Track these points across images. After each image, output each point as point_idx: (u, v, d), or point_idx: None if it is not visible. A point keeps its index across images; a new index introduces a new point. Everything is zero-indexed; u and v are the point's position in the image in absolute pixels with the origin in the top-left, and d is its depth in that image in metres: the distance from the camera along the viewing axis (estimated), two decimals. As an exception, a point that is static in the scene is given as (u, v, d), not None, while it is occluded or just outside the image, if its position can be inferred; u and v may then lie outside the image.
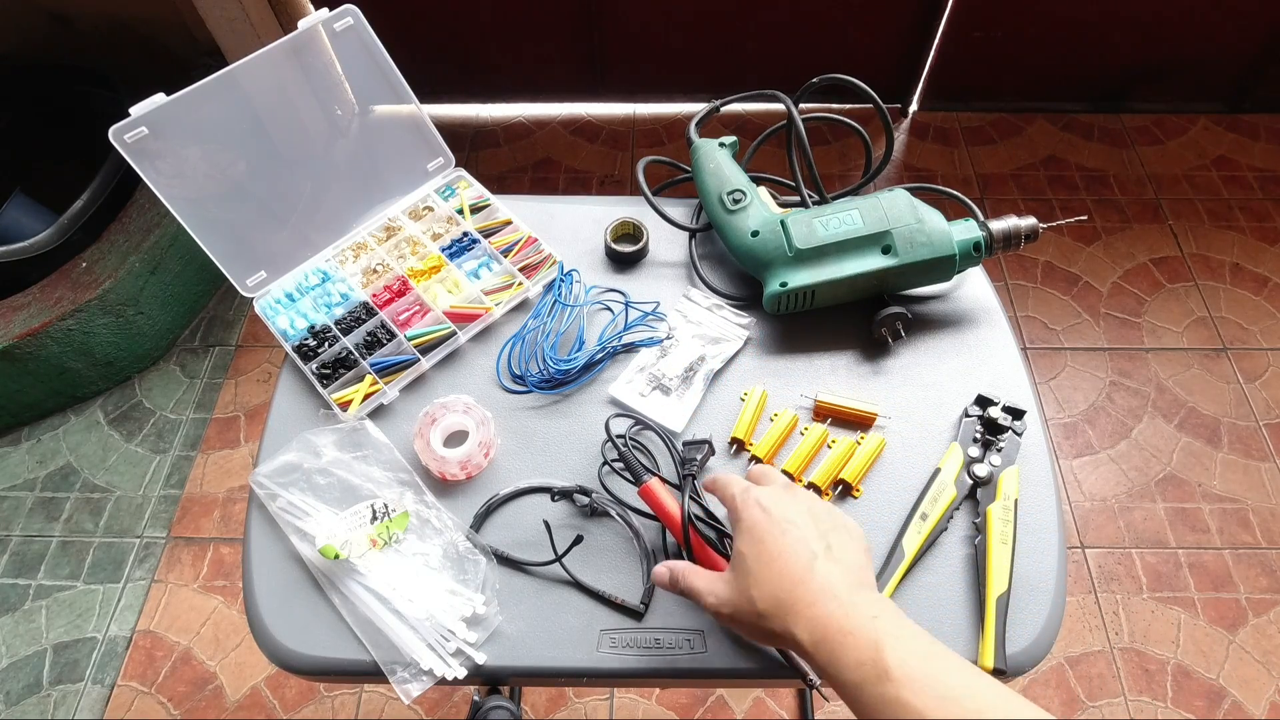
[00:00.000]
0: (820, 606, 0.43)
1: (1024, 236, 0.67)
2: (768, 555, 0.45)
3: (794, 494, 0.49)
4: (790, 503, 0.48)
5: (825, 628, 0.42)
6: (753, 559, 0.46)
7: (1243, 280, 1.64)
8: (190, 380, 1.55)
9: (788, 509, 0.47)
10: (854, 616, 0.42)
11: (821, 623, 0.42)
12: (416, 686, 0.54)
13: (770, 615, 0.44)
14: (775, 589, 0.44)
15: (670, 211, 0.76)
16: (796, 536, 0.46)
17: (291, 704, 1.21)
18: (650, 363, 0.69)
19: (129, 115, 0.64)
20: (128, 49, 1.67)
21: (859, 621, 0.41)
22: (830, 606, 0.42)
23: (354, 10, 0.72)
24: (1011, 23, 1.74)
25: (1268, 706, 1.18)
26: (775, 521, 0.46)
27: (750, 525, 0.47)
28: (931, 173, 1.84)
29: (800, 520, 0.47)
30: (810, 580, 0.44)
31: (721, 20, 1.76)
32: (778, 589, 0.44)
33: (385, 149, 0.78)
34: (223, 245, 0.70)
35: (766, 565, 0.45)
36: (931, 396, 0.67)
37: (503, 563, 0.60)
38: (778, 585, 0.44)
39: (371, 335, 0.70)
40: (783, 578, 0.44)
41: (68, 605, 1.30)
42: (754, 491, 0.49)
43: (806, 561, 0.45)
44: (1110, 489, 1.38)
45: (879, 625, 0.41)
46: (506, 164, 1.89)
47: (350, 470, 0.62)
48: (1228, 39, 1.77)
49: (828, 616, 0.42)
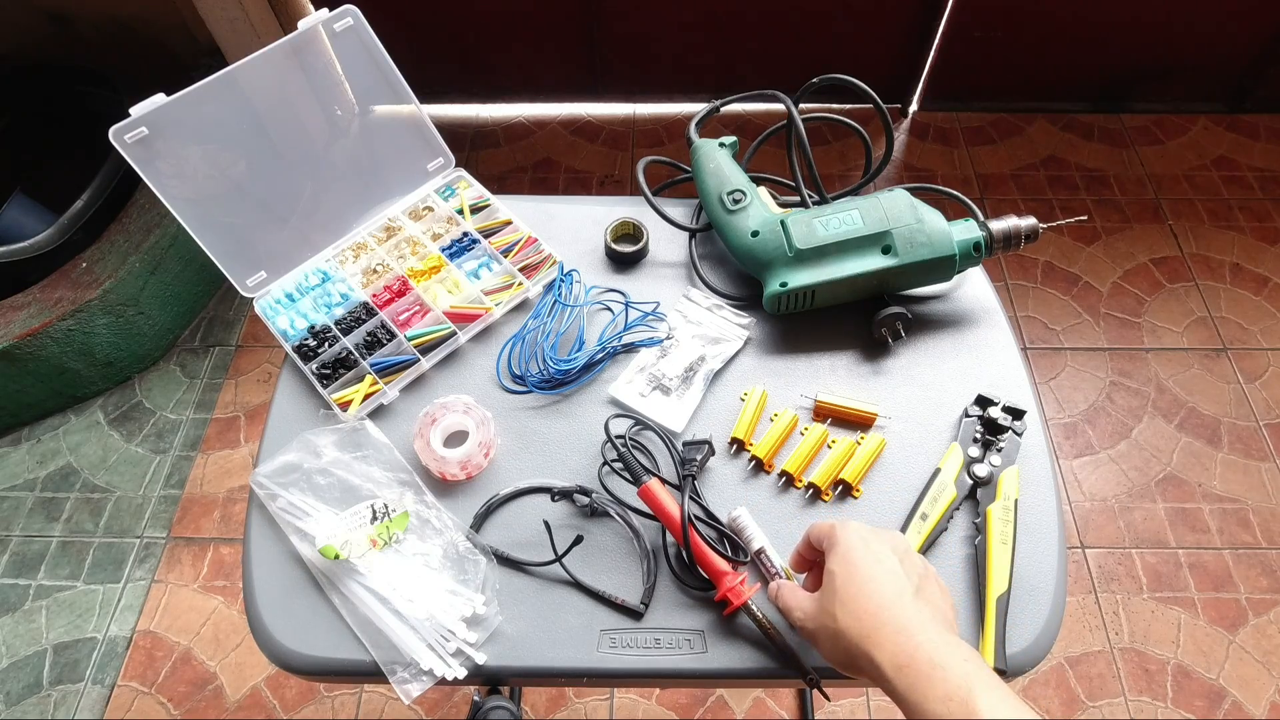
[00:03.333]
0: (907, 637, 0.43)
1: (1024, 236, 0.67)
2: (859, 579, 0.46)
3: (892, 537, 0.50)
4: (887, 541, 0.49)
5: (912, 657, 0.42)
6: (842, 579, 0.47)
7: (1243, 280, 1.64)
8: (190, 380, 1.55)
9: (884, 546, 0.48)
10: (946, 654, 0.42)
11: (908, 652, 0.42)
12: (416, 686, 0.54)
13: (849, 635, 0.45)
14: (860, 610, 0.45)
15: (670, 211, 0.76)
16: (890, 569, 0.47)
17: (291, 704, 1.21)
18: (650, 363, 0.69)
19: (129, 115, 0.64)
20: (128, 49, 1.67)
21: (951, 660, 0.42)
22: (920, 639, 0.43)
23: (354, 10, 0.72)
24: (1011, 23, 1.74)
25: (1268, 706, 1.18)
26: (871, 551, 0.47)
27: (846, 550, 0.48)
28: (931, 173, 1.84)
29: (892, 561, 0.47)
30: (897, 609, 0.44)
31: (721, 20, 1.76)
32: (862, 611, 0.45)
33: (385, 149, 0.78)
34: (223, 245, 0.70)
35: (856, 587, 0.46)
36: (931, 396, 0.67)
37: (503, 563, 0.60)
38: (863, 608, 0.45)
39: (371, 335, 0.70)
40: (869, 601, 0.45)
41: (68, 605, 1.30)
42: (853, 524, 0.50)
43: (896, 592, 0.45)
44: (1110, 489, 1.38)
45: (971, 670, 0.41)
46: (506, 164, 1.89)
47: (350, 470, 0.62)
48: (1228, 39, 1.77)
49: (916, 648, 0.42)
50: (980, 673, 0.41)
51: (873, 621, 0.44)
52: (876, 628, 0.44)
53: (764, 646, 0.56)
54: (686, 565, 0.58)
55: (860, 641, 0.44)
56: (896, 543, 0.49)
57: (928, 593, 0.46)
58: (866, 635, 0.44)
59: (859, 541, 0.48)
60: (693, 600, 0.58)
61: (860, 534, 0.49)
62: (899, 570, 0.47)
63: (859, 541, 0.48)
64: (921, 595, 0.46)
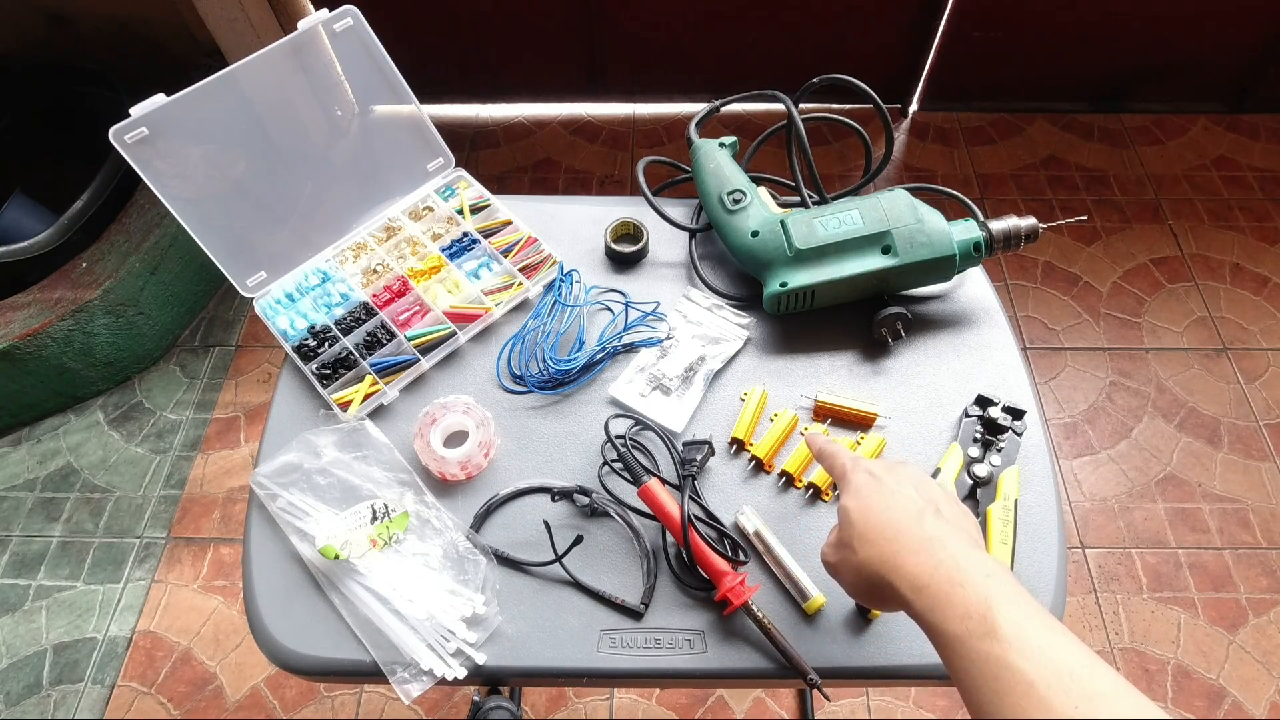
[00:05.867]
0: (925, 555, 0.42)
1: (1024, 236, 0.67)
2: (874, 509, 0.46)
3: (905, 467, 0.49)
4: (900, 472, 0.48)
5: (931, 576, 0.41)
6: (857, 513, 0.46)
7: (1243, 280, 1.64)
8: (190, 380, 1.55)
9: (897, 478, 0.48)
10: (966, 570, 0.41)
11: (927, 570, 0.41)
12: (416, 687, 0.54)
13: (870, 565, 0.44)
14: (877, 538, 0.44)
15: (670, 211, 0.76)
16: (906, 496, 0.46)
17: (291, 704, 1.21)
18: (650, 363, 0.69)
19: (129, 115, 0.64)
20: (128, 49, 1.67)
21: (971, 575, 0.40)
22: (939, 555, 0.42)
23: (354, 10, 0.72)
24: (1011, 23, 1.74)
25: (1268, 706, 1.18)
26: (884, 484, 0.47)
27: (858, 486, 0.48)
28: (931, 173, 1.84)
29: (907, 489, 0.47)
30: (916, 530, 0.44)
31: (721, 20, 1.76)
32: (879, 538, 0.44)
33: (385, 149, 0.78)
34: (223, 245, 0.70)
35: (873, 517, 0.45)
36: (931, 396, 0.67)
37: (503, 563, 0.60)
38: (880, 535, 0.44)
39: (371, 335, 0.70)
40: (886, 528, 0.44)
41: (68, 605, 1.30)
42: (865, 461, 0.50)
43: (914, 515, 0.45)
44: (1110, 489, 1.38)
45: (992, 584, 0.40)
46: (506, 164, 1.89)
47: (350, 470, 0.62)
48: (1228, 39, 1.77)
49: (935, 566, 0.41)
50: (1001, 586, 0.40)
51: (891, 547, 0.43)
52: (895, 552, 0.43)
53: (764, 646, 0.56)
54: (686, 565, 0.58)
55: (880, 569, 0.43)
56: (910, 472, 0.49)
57: (948, 513, 0.46)
58: (885, 561, 0.43)
59: (870, 479, 0.48)
60: (693, 600, 0.58)
61: (872, 471, 0.48)
62: (915, 496, 0.46)
63: (870, 479, 0.48)
64: (941, 515, 0.45)
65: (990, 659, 0.37)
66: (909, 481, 0.47)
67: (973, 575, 0.40)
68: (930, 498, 0.46)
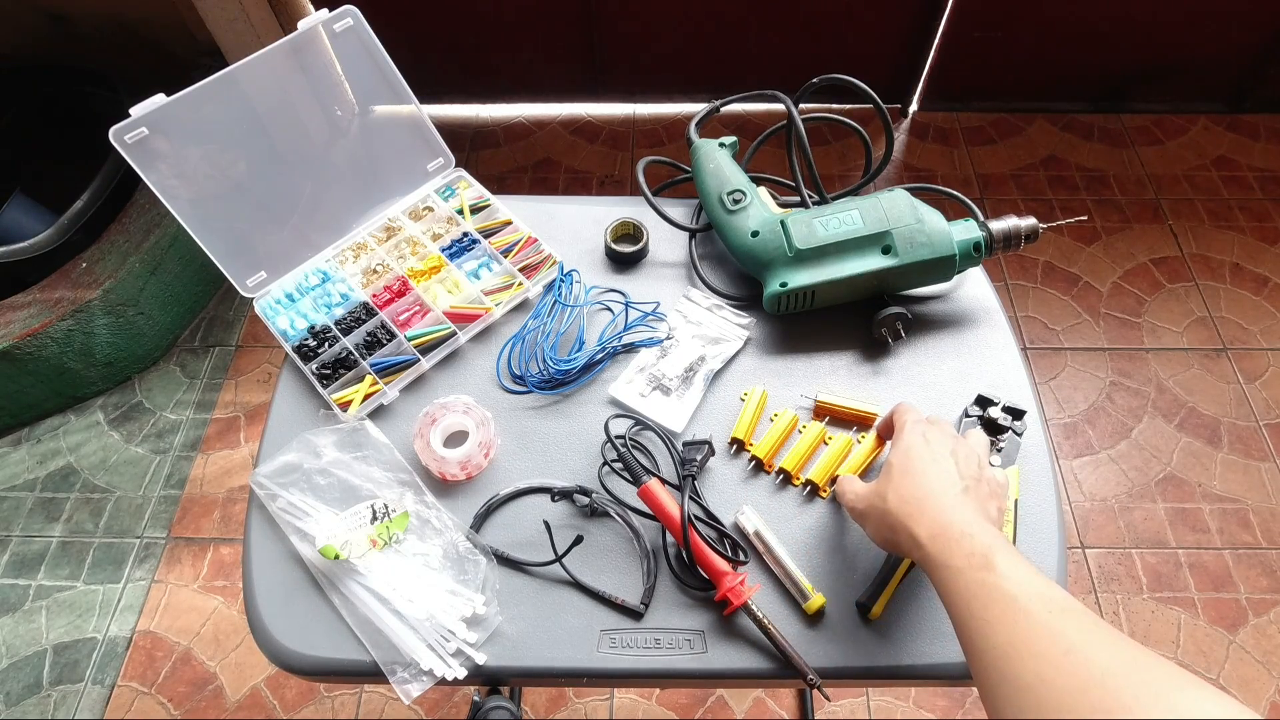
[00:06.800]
0: (948, 514, 0.47)
1: (1024, 237, 0.67)
2: (914, 471, 0.51)
3: (954, 440, 0.53)
4: (949, 443, 0.52)
5: (947, 528, 0.46)
6: (899, 470, 0.51)
7: (1243, 280, 1.64)
8: (190, 380, 1.55)
9: (944, 448, 0.52)
10: (978, 530, 0.46)
11: (943, 524, 0.47)
12: (416, 687, 0.54)
13: (895, 515, 0.49)
14: (908, 495, 0.49)
15: (670, 211, 0.76)
16: (945, 468, 0.51)
17: (291, 704, 1.21)
18: (650, 363, 0.69)
19: (129, 115, 0.64)
20: (128, 49, 1.67)
21: (981, 532, 0.46)
22: (957, 517, 0.47)
23: (354, 10, 0.72)
24: (1011, 23, 1.74)
25: (1268, 707, 1.18)
26: (932, 450, 0.52)
27: (908, 445, 0.52)
28: (931, 173, 1.84)
29: (949, 462, 0.51)
30: (944, 500, 0.48)
31: (721, 20, 1.76)
32: (910, 496, 0.49)
33: (385, 149, 0.78)
34: (223, 245, 0.70)
35: (910, 478, 0.50)
36: (931, 396, 0.67)
37: (503, 563, 0.60)
38: (911, 494, 0.49)
39: (371, 335, 0.70)
40: (918, 489, 0.49)
41: (68, 605, 1.30)
42: (923, 425, 0.54)
43: (948, 483, 0.49)
44: (1110, 489, 1.38)
45: (998, 543, 0.45)
46: (506, 164, 1.89)
47: (350, 470, 0.62)
48: (1228, 39, 1.77)
49: (951, 523, 0.47)
50: (1004, 544, 0.45)
51: (918, 506, 0.49)
52: (920, 511, 0.48)
53: (764, 646, 0.56)
54: (686, 565, 0.58)
55: (903, 519, 0.49)
56: (957, 446, 0.52)
57: (977, 492, 0.50)
58: (910, 514, 0.48)
59: (920, 440, 0.52)
60: (693, 600, 0.58)
61: (925, 435, 0.53)
62: (954, 470, 0.50)
63: (920, 440, 0.52)
64: (969, 493, 0.49)
65: (985, 584, 0.43)
66: (953, 454, 0.52)
67: (982, 532, 0.46)
68: (967, 474, 0.50)
